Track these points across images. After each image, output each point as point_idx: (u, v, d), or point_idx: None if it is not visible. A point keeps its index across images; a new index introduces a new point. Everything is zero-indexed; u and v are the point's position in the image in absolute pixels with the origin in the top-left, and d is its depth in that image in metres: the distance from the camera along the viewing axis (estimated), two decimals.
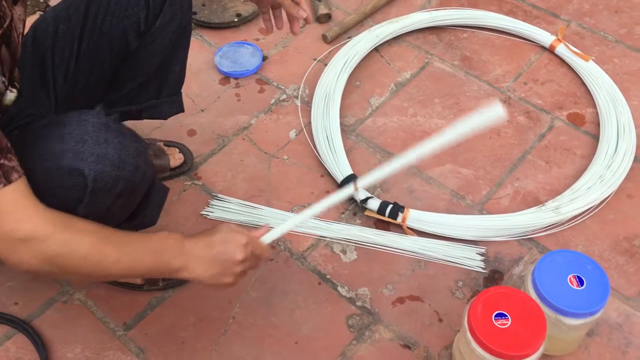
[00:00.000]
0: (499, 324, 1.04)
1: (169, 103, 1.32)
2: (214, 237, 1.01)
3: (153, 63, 1.23)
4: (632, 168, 1.44)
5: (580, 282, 1.09)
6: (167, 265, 0.96)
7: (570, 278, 1.09)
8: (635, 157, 1.46)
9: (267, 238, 1.07)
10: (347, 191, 1.09)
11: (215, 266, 0.99)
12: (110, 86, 1.24)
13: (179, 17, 1.19)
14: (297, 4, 1.20)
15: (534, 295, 1.10)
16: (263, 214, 1.39)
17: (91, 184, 0.91)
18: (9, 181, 0.82)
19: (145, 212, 1.13)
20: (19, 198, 0.84)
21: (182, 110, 1.35)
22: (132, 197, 1.03)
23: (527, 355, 1.03)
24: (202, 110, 1.60)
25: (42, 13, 1.73)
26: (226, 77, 1.67)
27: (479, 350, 1.04)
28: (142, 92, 1.27)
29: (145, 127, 1.53)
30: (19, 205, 0.84)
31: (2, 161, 0.82)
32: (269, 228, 1.07)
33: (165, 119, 1.35)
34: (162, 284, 1.27)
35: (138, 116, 1.31)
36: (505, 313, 1.05)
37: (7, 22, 0.90)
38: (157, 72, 1.25)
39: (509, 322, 1.04)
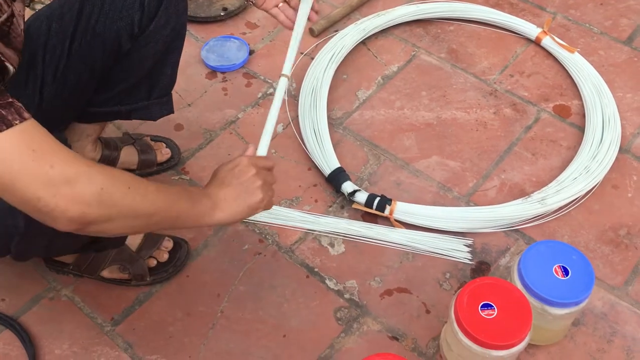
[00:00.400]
0: (485, 315, 1.05)
1: (159, 105, 1.31)
2: (220, 174, 1.01)
3: (145, 65, 1.22)
4: (617, 159, 1.45)
5: (566, 272, 1.10)
6: (201, 207, 0.95)
7: (555, 268, 1.10)
8: (620, 148, 1.47)
9: (261, 151, 1.10)
10: (282, 84, 1.15)
11: (238, 193, 0.99)
12: (101, 86, 1.23)
13: (174, 20, 1.18)
14: None
15: (519, 286, 1.11)
16: None
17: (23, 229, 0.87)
18: (23, 118, 0.76)
19: None
20: (43, 135, 0.77)
21: (172, 112, 1.34)
22: None
23: (513, 345, 1.04)
24: (189, 105, 1.59)
25: (26, 7, 1.71)
26: (213, 72, 1.67)
27: (465, 340, 1.05)
28: (133, 93, 1.26)
29: (132, 122, 1.52)
30: (46, 142, 0.77)
31: (9, 100, 0.76)
32: (254, 146, 1.10)
33: (154, 120, 1.34)
34: (150, 278, 1.27)
35: (127, 117, 1.30)
36: (491, 303, 1.05)
37: (3, 17, 0.89)
38: (149, 74, 1.24)
39: (495, 313, 1.05)
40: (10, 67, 0.89)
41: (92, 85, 1.21)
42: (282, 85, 1.15)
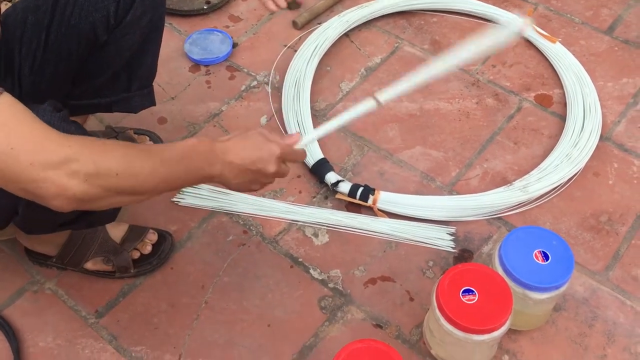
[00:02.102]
0: (466, 300, 1.05)
1: (140, 96, 1.30)
2: (247, 145, 0.99)
3: (123, 57, 1.22)
4: (598, 147, 1.46)
5: (546, 257, 1.11)
6: (200, 173, 0.95)
7: (535, 253, 1.11)
8: (601, 136, 1.49)
9: (304, 142, 1.09)
10: (369, 104, 1.10)
11: (246, 176, 1.00)
12: (80, 78, 1.23)
13: (151, 12, 1.18)
14: None
15: (500, 271, 1.12)
16: (235, 199, 1.39)
17: None
18: None
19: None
20: (17, 121, 0.78)
21: (154, 104, 1.34)
22: None
23: (494, 330, 1.05)
24: (173, 98, 1.59)
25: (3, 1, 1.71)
26: (196, 65, 1.67)
27: (447, 326, 1.06)
28: (113, 85, 1.26)
29: (115, 115, 1.51)
30: (21, 130, 0.78)
31: None
32: (299, 136, 1.08)
33: (136, 112, 1.33)
34: (134, 270, 1.27)
35: (108, 109, 1.30)
36: (473, 289, 1.06)
37: None
38: (128, 66, 1.24)
39: (476, 298, 1.06)
40: None
41: (70, 76, 1.20)
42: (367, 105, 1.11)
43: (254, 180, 1.02)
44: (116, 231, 1.27)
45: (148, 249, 1.27)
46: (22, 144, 0.77)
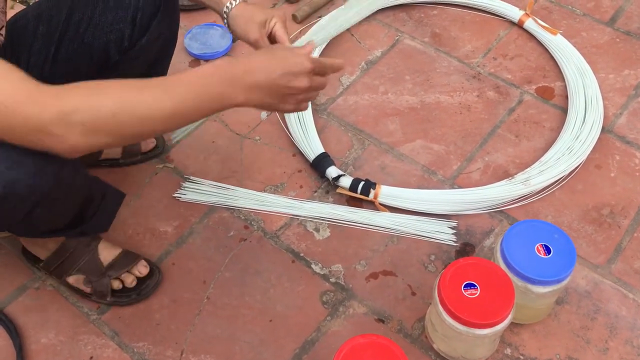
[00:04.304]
0: (468, 294, 1.05)
1: None
2: (273, 60, 0.91)
3: (134, 74, 1.19)
4: (599, 139, 1.46)
5: (548, 250, 1.11)
6: (220, 101, 0.88)
7: (537, 247, 1.11)
8: (603, 128, 1.48)
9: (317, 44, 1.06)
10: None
11: (276, 94, 0.92)
12: None
13: (167, 32, 1.17)
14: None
15: (502, 265, 1.12)
16: (236, 194, 1.39)
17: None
18: None
19: (95, 217, 1.07)
20: (7, 72, 0.79)
21: None
22: (56, 207, 0.97)
23: (496, 324, 1.05)
24: None
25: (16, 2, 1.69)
26: (196, 60, 1.66)
27: (449, 320, 1.06)
28: None
29: None
30: (9, 89, 0.78)
31: None
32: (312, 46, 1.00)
33: None
34: (111, 299, 1.22)
35: None
36: (474, 283, 1.06)
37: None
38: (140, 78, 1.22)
39: (478, 292, 1.05)
40: None
41: None
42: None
43: (285, 98, 0.93)
44: (107, 253, 1.22)
45: (132, 283, 1.22)
46: (14, 98, 0.77)
